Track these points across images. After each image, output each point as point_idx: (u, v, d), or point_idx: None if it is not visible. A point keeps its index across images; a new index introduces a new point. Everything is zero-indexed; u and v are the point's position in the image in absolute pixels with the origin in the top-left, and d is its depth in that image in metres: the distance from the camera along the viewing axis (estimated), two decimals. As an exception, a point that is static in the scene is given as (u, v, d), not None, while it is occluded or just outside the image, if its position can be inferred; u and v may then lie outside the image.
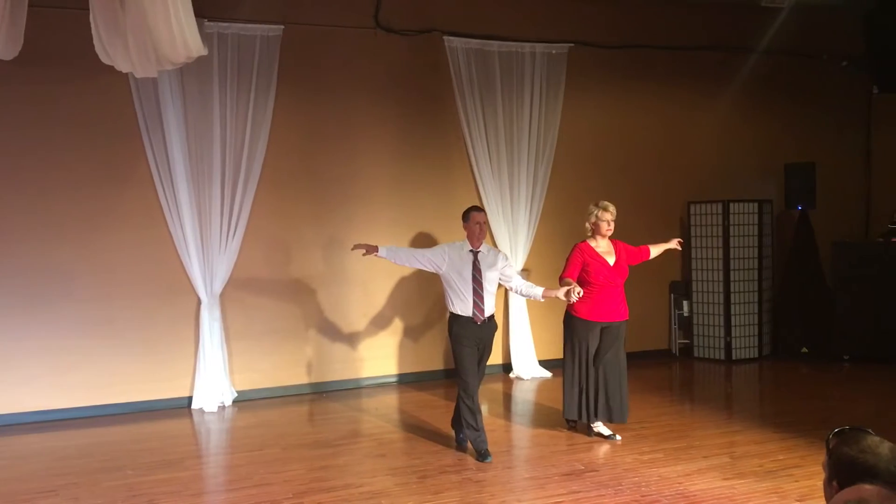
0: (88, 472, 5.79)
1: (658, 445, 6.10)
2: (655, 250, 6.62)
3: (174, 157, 7.46)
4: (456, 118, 8.60)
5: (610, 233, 6.28)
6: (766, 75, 9.95)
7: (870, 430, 2.30)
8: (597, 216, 6.25)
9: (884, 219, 9.77)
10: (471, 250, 5.96)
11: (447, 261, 5.93)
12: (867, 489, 1.79)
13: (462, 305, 5.90)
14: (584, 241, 6.34)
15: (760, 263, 9.42)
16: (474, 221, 5.98)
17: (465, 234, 6.06)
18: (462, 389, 5.90)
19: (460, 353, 5.90)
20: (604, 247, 6.29)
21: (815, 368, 8.95)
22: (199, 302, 7.66)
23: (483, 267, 5.93)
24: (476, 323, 5.88)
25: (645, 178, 9.53)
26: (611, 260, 6.25)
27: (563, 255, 8.77)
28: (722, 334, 9.37)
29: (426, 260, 6.00)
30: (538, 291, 6.00)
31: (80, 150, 7.33)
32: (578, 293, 5.74)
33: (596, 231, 6.28)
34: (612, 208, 6.26)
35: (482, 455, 5.83)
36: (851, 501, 1.77)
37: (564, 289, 5.82)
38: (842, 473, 2.15)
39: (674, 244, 6.73)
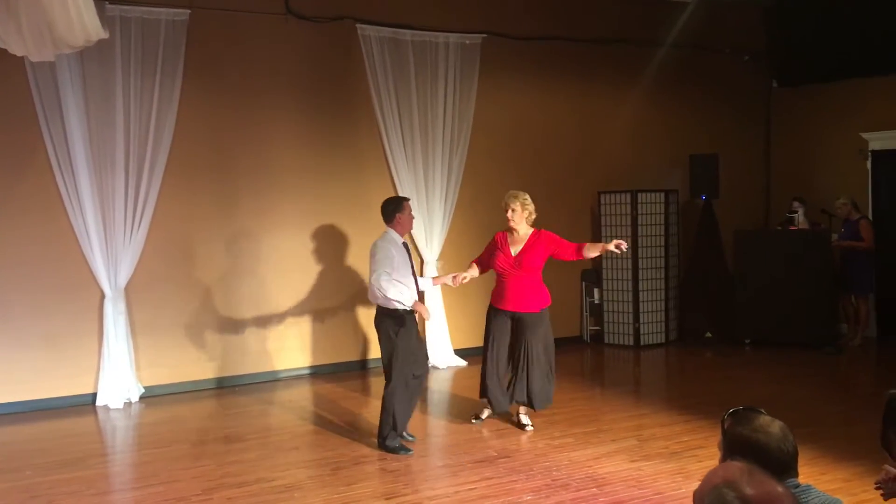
0: (-17, 474, 5.54)
1: (569, 430, 6.23)
2: (591, 251, 6.36)
3: (74, 146, 7.17)
4: (370, 107, 8.54)
5: (512, 223, 6.26)
6: (673, 69, 10.22)
7: (762, 410, 2.39)
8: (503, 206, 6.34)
9: (782, 208, 10.20)
10: (402, 242, 5.95)
11: (396, 259, 5.79)
12: (733, 467, 1.79)
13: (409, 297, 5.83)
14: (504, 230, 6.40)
15: (667, 252, 9.70)
16: (409, 212, 6.02)
17: (384, 225, 5.97)
18: (406, 380, 5.82)
19: (408, 345, 5.81)
20: (516, 236, 6.28)
21: (719, 353, 9.28)
22: (102, 295, 7.39)
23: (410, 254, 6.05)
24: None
25: (558, 168, 9.68)
26: (513, 250, 6.26)
27: (477, 245, 8.89)
28: (631, 321, 9.62)
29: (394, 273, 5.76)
30: (429, 281, 6.69)
31: (-28, 137, 6.96)
32: (463, 279, 6.32)
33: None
34: (509, 199, 6.26)
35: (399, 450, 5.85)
36: (719, 486, 1.74)
37: (451, 276, 6.42)
38: (735, 452, 2.23)
39: (612, 246, 6.26)
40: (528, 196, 6.37)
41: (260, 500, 4.90)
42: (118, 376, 7.35)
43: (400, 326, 5.79)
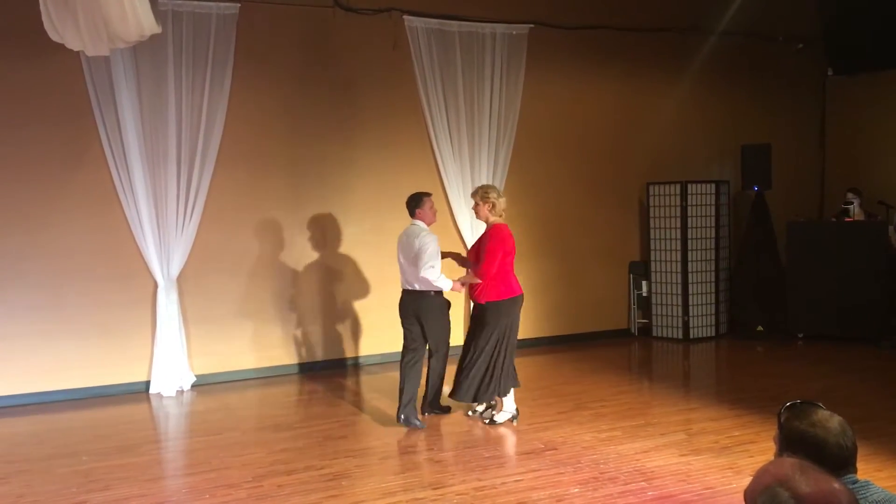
0: (41, 458, 5.70)
1: (616, 423, 6.18)
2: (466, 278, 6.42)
3: (128, 138, 7.31)
4: (416, 99, 8.55)
5: (477, 217, 6.42)
6: (724, 57, 10.04)
7: (820, 405, 2.34)
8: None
9: (837, 199, 9.96)
10: None
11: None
12: (786, 464, 1.72)
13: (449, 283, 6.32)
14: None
15: (717, 244, 9.55)
16: (429, 206, 6.44)
17: (425, 218, 6.42)
18: (445, 360, 6.43)
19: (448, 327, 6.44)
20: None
21: (770, 346, 9.11)
22: (155, 285, 7.55)
23: None
24: None
25: (605, 159, 9.59)
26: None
27: (523, 237, 8.88)
28: (680, 314, 9.49)
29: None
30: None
31: (31, 131, 7.13)
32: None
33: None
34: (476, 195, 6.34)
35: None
36: (772, 485, 1.66)
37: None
38: (792, 447, 2.19)
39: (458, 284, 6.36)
40: (490, 189, 6.32)
41: (309, 488, 4.96)
42: (171, 365, 7.51)
43: (447, 307, 6.37)
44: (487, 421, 6.30)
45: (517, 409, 6.34)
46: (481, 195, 6.26)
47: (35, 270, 7.19)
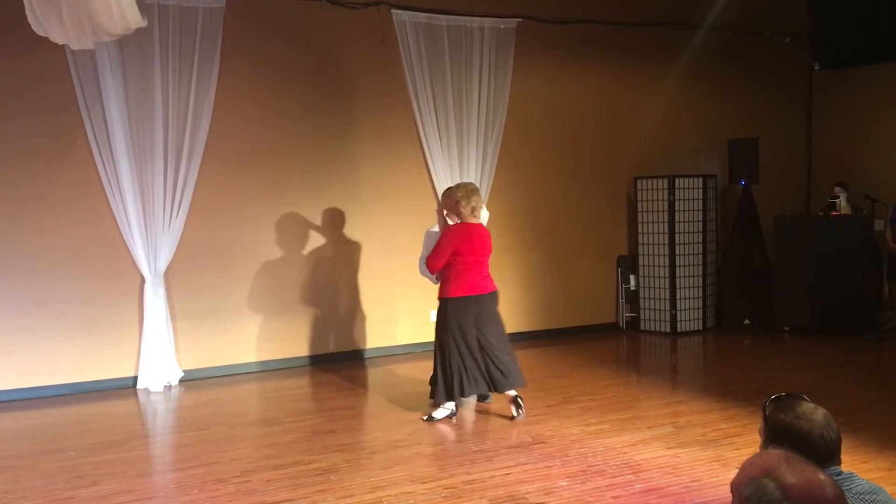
0: (29, 454, 5.67)
1: (604, 417, 6.20)
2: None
3: (114, 133, 7.27)
4: (404, 94, 8.53)
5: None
6: (711, 52, 10.07)
7: (805, 397, 2.35)
8: None
9: (824, 193, 10.02)
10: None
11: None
12: (772, 455, 1.71)
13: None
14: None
15: (705, 237, 9.59)
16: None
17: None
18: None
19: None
20: None
21: (757, 340, 9.16)
22: (142, 280, 7.51)
23: None
24: None
25: (592, 153, 9.61)
26: None
27: (511, 231, 8.93)
28: (667, 307, 9.53)
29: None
30: None
31: (15, 126, 7.07)
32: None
33: None
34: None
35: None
36: (758, 476, 1.66)
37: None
38: (777, 439, 2.21)
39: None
40: (452, 189, 6.31)
41: (297, 483, 4.96)
42: (158, 360, 7.48)
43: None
44: (426, 418, 6.24)
45: (456, 407, 6.29)
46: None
47: (21, 265, 7.14)
